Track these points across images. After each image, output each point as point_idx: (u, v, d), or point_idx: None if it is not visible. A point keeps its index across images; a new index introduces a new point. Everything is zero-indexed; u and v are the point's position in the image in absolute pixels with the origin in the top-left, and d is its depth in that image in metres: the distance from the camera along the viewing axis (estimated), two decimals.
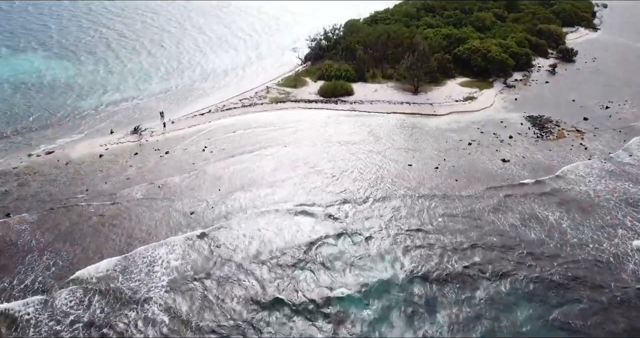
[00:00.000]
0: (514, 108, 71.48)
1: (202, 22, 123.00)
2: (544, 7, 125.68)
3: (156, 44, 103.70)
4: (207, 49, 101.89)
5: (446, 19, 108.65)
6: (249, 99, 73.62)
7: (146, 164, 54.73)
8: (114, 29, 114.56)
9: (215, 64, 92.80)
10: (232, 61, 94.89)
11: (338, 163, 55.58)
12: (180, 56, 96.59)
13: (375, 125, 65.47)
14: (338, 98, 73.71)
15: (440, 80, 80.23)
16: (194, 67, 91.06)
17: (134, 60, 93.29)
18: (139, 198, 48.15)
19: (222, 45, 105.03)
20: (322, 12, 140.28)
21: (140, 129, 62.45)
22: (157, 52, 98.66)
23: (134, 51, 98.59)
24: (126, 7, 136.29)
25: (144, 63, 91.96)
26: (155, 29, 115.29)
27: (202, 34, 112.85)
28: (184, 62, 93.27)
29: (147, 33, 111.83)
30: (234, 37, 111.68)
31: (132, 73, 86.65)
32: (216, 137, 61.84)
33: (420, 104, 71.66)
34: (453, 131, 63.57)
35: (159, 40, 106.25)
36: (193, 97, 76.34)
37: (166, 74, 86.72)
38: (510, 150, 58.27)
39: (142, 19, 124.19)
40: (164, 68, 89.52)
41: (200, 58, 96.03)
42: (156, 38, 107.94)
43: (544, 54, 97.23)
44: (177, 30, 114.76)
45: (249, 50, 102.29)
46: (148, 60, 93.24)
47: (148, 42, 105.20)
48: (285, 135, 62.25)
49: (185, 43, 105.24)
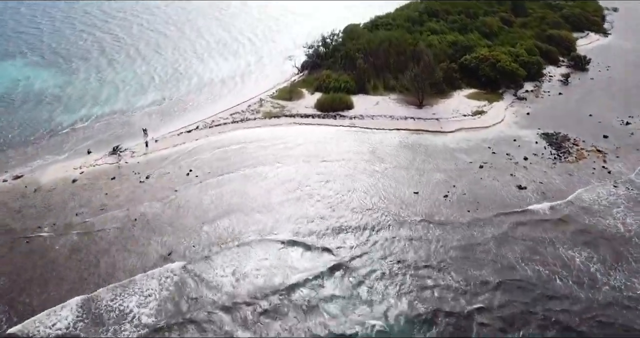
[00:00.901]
0: (527, 124, 66.05)
1: (200, 25, 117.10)
2: (552, 11, 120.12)
3: (151, 50, 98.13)
4: (205, 54, 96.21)
5: (451, 24, 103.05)
6: (240, 113, 68.18)
7: (123, 191, 49.35)
8: (108, 32, 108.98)
9: (211, 72, 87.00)
10: (229, 68, 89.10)
11: (335, 187, 50.41)
12: (175, 63, 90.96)
13: (377, 144, 60.09)
14: (337, 112, 68.27)
15: (447, 92, 74.80)
16: (189, 75, 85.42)
17: (127, 68, 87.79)
18: (112, 232, 42.85)
19: (220, 51, 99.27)
20: (323, 13, 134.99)
21: (120, 149, 57.05)
22: (152, 58, 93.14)
23: (127, 57, 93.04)
24: (122, 9, 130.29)
25: (138, 71, 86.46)
26: (152, 33, 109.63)
27: (200, 37, 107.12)
28: (179, 70, 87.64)
29: (143, 37, 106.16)
30: (233, 41, 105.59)
31: (124, 82, 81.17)
32: (203, 157, 56.50)
33: (426, 119, 66.25)
34: (462, 151, 58.15)
35: (154, 45, 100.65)
36: (183, 111, 70.81)
37: (160, 84, 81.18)
38: (526, 175, 52.86)
39: (138, 22, 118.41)
40: (157, 77, 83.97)
41: (196, 65, 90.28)
42: (152, 42, 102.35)
43: (554, 61, 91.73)
44: (174, 34, 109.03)
45: (247, 56, 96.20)
46: (142, 68, 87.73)
47: (143, 47, 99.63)
48: (278, 155, 56.92)
49: (181, 48, 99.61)
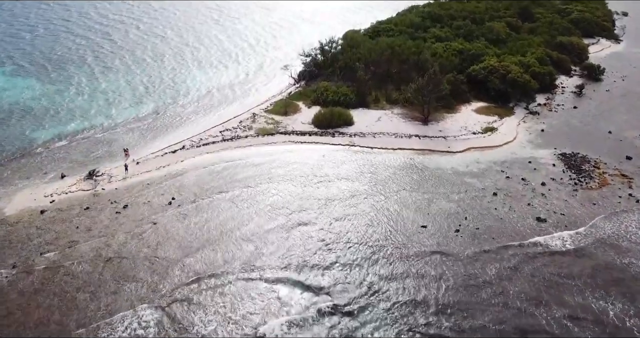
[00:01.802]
0: (542, 142, 60.94)
1: (198, 29, 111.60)
2: (560, 16, 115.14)
3: (146, 56, 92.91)
4: (201, 61, 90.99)
5: (456, 30, 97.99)
6: (231, 130, 62.97)
7: (97, 224, 44.12)
8: (95, 38, 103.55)
9: (206, 81, 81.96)
10: (225, 77, 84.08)
11: (331, 216, 45.50)
12: (170, 71, 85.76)
13: (379, 166, 54.97)
14: (335, 129, 63.12)
15: (454, 106, 69.69)
16: (182, 85, 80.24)
17: (111, 78, 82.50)
18: (80, 275, 37.64)
19: (217, 57, 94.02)
20: (323, 17, 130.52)
21: (97, 174, 51.82)
22: (146, 65, 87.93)
23: (112, 67, 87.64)
24: (119, 11, 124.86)
25: (122, 81, 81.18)
26: (148, 38, 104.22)
27: (197, 42, 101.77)
28: (173, 79, 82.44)
29: (138, 42, 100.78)
30: (232, 46, 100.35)
31: (106, 94, 75.95)
32: (187, 181, 51.37)
33: (432, 138, 61.11)
34: (473, 175, 53.01)
35: (149, 51, 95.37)
36: (171, 126, 65.57)
37: (150, 94, 76.04)
38: (545, 204, 47.72)
39: (134, 25, 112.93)
40: (143, 88, 78.77)
41: (191, 73, 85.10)
42: (147, 48, 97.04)
43: (566, 71, 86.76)
44: (171, 39, 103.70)
45: (245, 63, 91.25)
46: (127, 78, 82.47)
47: (138, 53, 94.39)
48: (271, 178, 51.87)
49: (177, 54, 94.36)
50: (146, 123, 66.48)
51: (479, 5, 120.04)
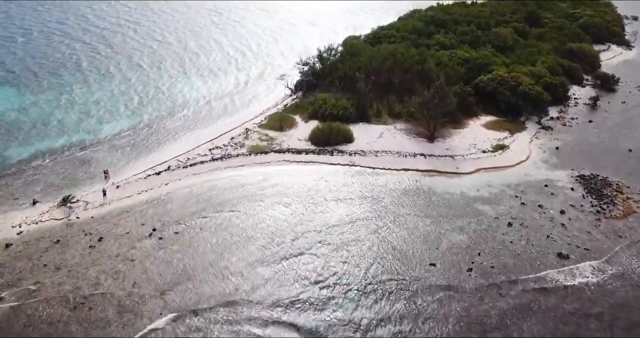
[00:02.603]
0: (558, 162, 56.31)
1: (192, 34, 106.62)
2: (569, 21, 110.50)
3: (136, 64, 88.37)
4: (192, 70, 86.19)
5: (460, 36, 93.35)
6: (222, 148, 58.31)
7: (67, 261, 39.51)
8: (90, 43, 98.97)
9: (198, 92, 77.50)
10: (218, 87, 79.60)
11: (329, 246, 41.11)
12: (160, 81, 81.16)
13: (381, 189, 50.36)
14: (334, 147, 58.48)
15: (461, 120, 65.03)
16: (173, 96, 75.64)
17: (105, 86, 78.08)
18: (41, 328, 32.99)
19: (210, 65, 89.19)
20: (324, 15, 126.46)
21: (72, 200, 47.18)
22: (134, 75, 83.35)
23: (106, 74, 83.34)
24: (108, 16, 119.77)
25: (115, 90, 76.66)
26: (139, 44, 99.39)
27: (190, 50, 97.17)
28: (162, 89, 77.78)
29: (129, 48, 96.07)
30: (226, 53, 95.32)
31: (98, 104, 71.59)
32: (171, 208, 46.83)
33: (439, 157, 56.46)
34: (485, 201, 48.35)
35: (139, 59, 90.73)
36: (157, 143, 60.96)
37: (138, 107, 71.57)
38: (566, 236, 43.06)
39: (125, 31, 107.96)
40: (137, 98, 74.27)
41: (182, 83, 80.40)
42: (137, 55, 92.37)
43: (578, 80, 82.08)
44: (163, 45, 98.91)
45: (240, 71, 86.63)
46: (120, 87, 77.95)
47: (127, 60, 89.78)
48: (263, 204, 47.43)
49: (169, 62, 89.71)
50: (132, 139, 61.91)
51: (484, 9, 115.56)
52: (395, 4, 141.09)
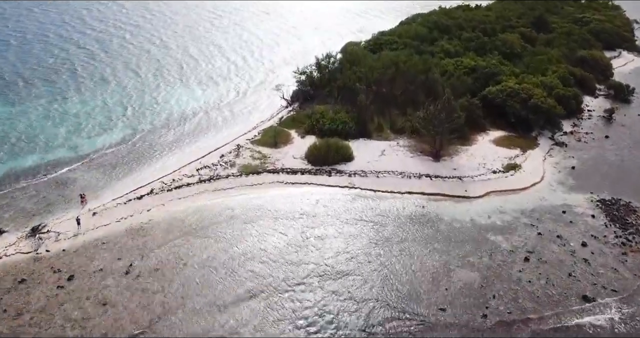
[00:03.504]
0: (575, 184, 51.92)
1: (189, 39, 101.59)
2: (578, 25, 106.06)
3: (130, 70, 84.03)
4: (185, 78, 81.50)
5: (466, 42, 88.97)
6: (210, 167, 53.90)
7: (31, 304, 35.11)
8: (84, 46, 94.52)
9: (193, 102, 73.00)
10: (213, 97, 75.08)
11: (324, 285, 36.75)
12: (154, 89, 76.85)
13: (384, 216, 46.02)
14: (332, 166, 54.09)
15: (468, 136, 60.60)
16: (166, 106, 71.26)
17: (97, 95, 73.84)
18: None
19: (207, 72, 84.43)
20: (324, 15, 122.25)
21: (42, 230, 42.77)
22: (129, 82, 79.07)
23: (100, 81, 79.11)
24: (102, 18, 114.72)
25: (109, 100, 72.36)
26: (134, 49, 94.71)
27: (187, 55, 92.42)
28: (150, 101, 73.22)
29: (123, 54, 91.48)
30: (224, 60, 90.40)
31: (88, 115, 67.51)
32: (152, 239, 42.52)
33: (446, 179, 52.05)
34: (497, 230, 43.96)
35: (134, 65, 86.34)
36: (140, 161, 56.53)
37: (131, 118, 67.50)
38: (590, 274, 38.70)
39: (120, 35, 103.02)
40: (130, 108, 70.01)
41: (173, 93, 75.74)
42: (132, 61, 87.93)
43: (590, 91, 77.69)
44: (159, 51, 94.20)
45: (237, 79, 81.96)
46: (114, 96, 73.66)
47: (121, 67, 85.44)
48: (253, 236, 42.99)
49: (165, 68, 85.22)
50: (117, 156, 57.53)
51: (489, 13, 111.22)
52: (396, 4, 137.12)
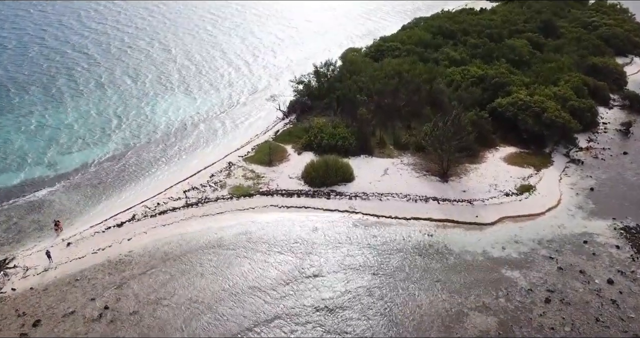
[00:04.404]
0: (595, 208, 47.70)
1: (183, 44, 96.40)
2: (587, 30, 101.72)
3: (126, 76, 79.97)
4: (181, 86, 76.97)
5: (472, 49, 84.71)
6: (199, 188, 49.72)
7: None
8: (72, 53, 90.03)
9: (186, 111, 68.91)
10: (208, 106, 70.76)
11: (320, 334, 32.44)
12: (147, 97, 72.69)
13: (387, 248, 41.86)
14: (331, 187, 49.89)
15: (477, 152, 56.40)
16: (157, 116, 67.12)
17: (87, 104, 69.91)
18: None
19: (205, 79, 79.71)
20: (324, 16, 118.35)
21: (8, 265, 38.59)
22: (123, 89, 75.02)
23: (94, 87, 75.32)
24: (96, 21, 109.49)
25: (93, 111, 68.22)
26: (124, 54, 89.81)
27: (186, 59, 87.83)
28: (148, 108, 69.23)
29: (113, 60, 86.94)
30: (222, 66, 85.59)
31: (79, 127, 63.78)
32: (130, 274, 38.55)
33: (454, 202, 47.83)
34: (513, 264, 39.78)
35: (131, 70, 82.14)
36: (124, 181, 52.56)
37: (122, 130, 63.61)
38: (620, 319, 34.53)
39: (119, 37, 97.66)
40: (116, 120, 65.90)
41: (168, 102, 71.47)
42: (129, 66, 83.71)
43: (604, 101, 73.42)
44: (157, 55, 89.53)
45: (234, 87, 77.36)
46: (99, 107, 69.55)
47: (118, 72, 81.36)
48: (242, 271, 38.83)
49: (162, 74, 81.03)
50: (98, 175, 53.56)
51: (494, 17, 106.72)
52: (397, 4, 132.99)
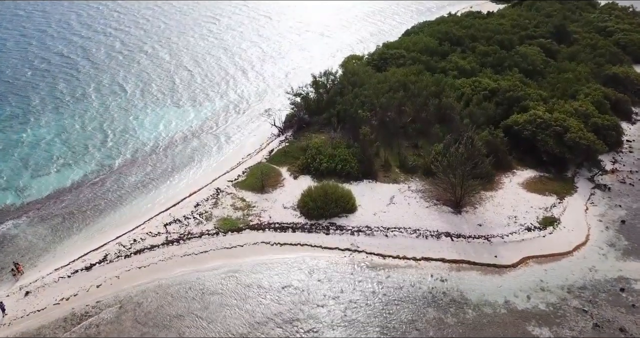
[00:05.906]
0: (628, 245, 42.20)
1: (182, 48, 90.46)
2: (602, 36, 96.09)
3: (116, 85, 75.03)
4: (177, 96, 71.61)
5: (482, 57, 79.11)
6: (182, 221, 44.24)
7: None
8: (69, 56, 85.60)
9: (177, 126, 63.83)
10: (199, 121, 65.35)
11: None
12: (136, 109, 67.78)
13: (393, 297, 36.43)
14: (330, 220, 44.38)
15: (493, 178, 50.83)
16: (145, 133, 61.96)
17: (66, 118, 65.11)
18: None
19: (200, 89, 74.37)
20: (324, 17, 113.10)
21: None
22: (112, 101, 70.05)
23: (81, 99, 70.54)
24: (94, 24, 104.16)
25: (77, 125, 63.65)
26: (122, 58, 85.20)
27: (180, 67, 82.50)
28: (134, 125, 63.90)
29: (110, 65, 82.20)
30: (220, 73, 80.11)
31: (51, 145, 58.85)
32: (96, 330, 32.92)
33: (470, 239, 42.29)
34: (540, 319, 34.28)
35: (121, 78, 77.32)
36: (100, 211, 47.25)
37: (107, 148, 58.66)
38: None
39: (110, 43, 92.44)
40: (101, 136, 61.15)
41: (160, 115, 66.58)
42: (115, 75, 78.63)
43: (627, 116, 67.84)
44: (150, 62, 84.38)
45: (230, 98, 71.89)
46: (85, 119, 64.96)
47: (107, 81, 76.52)
48: (226, 324, 33.24)
49: (150, 84, 75.73)
50: (70, 204, 48.31)
51: (503, 22, 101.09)
52: (398, 4, 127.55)
